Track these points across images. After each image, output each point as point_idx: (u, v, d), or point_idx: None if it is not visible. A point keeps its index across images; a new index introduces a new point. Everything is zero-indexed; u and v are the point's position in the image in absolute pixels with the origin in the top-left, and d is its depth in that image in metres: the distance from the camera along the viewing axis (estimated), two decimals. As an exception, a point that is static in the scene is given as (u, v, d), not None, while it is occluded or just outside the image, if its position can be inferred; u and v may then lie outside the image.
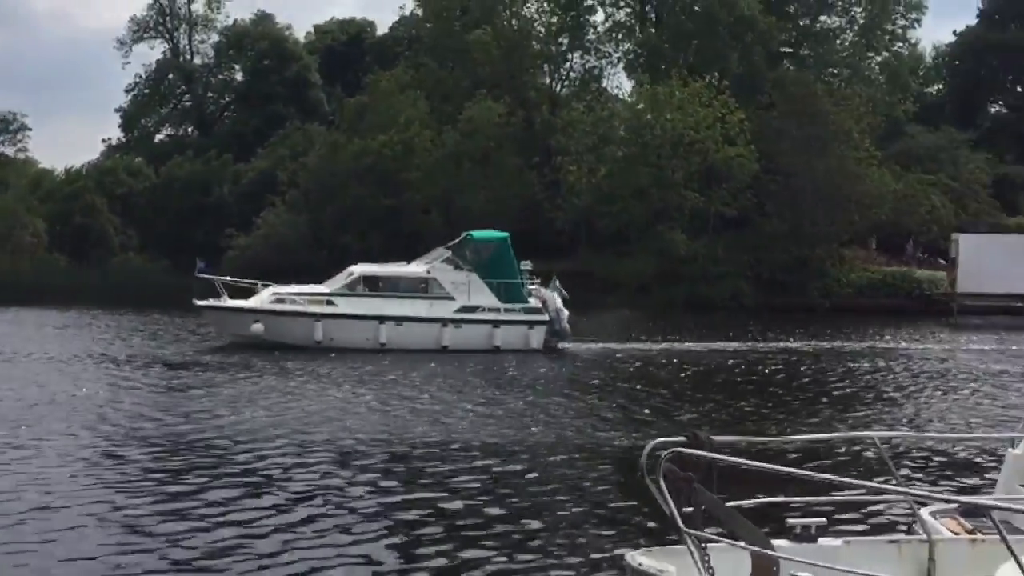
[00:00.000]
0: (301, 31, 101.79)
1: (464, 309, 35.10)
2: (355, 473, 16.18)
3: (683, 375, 30.76)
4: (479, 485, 15.62)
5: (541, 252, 63.20)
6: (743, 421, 22.21)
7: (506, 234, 37.47)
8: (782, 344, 39.76)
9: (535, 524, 13.50)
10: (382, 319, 34.60)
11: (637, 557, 6.04)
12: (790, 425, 21.60)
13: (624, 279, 58.67)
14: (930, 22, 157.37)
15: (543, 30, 74.17)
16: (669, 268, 58.68)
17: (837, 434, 13.70)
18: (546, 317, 35.66)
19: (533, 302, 36.02)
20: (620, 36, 73.42)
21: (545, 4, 74.16)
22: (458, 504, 14.38)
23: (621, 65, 74.23)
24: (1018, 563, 4.53)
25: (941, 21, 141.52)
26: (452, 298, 35.13)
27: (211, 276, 36.85)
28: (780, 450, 15.56)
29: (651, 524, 11.96)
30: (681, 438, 5.76)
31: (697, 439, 5.75)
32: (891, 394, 27.41)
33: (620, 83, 76.78)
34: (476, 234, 37.97)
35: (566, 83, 76.48)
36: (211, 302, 36.06)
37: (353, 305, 35.00)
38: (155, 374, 28.22)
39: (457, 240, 37.33)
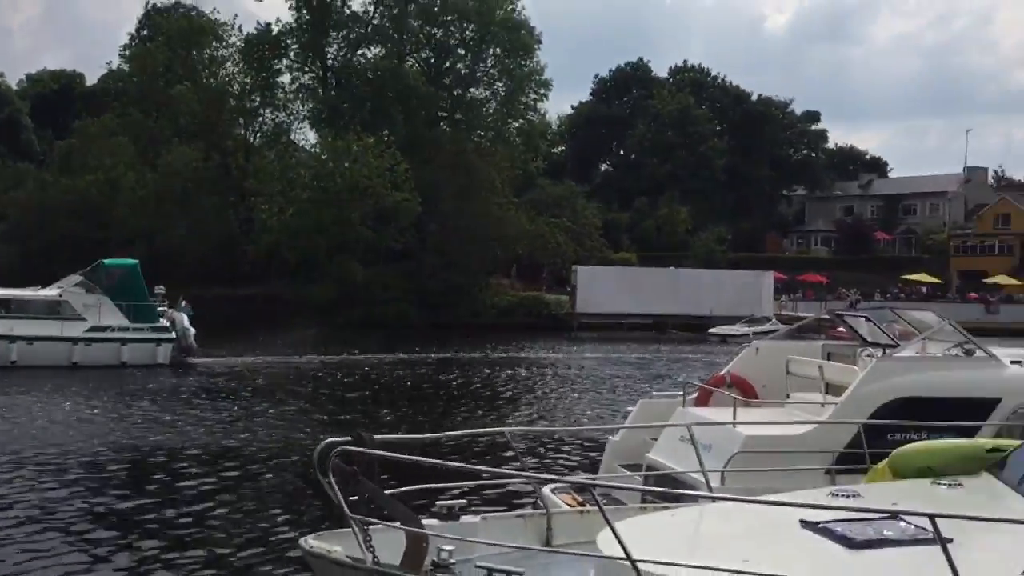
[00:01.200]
0: (13, 79, 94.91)
1: (94, 329, 32.92)
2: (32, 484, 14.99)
3: (341, 383, 30.46)
4: (165, 488, 14.86)
5: (238, 279, 61.69)
6: (402, 420, 22.38)
7: (135, 261, 35.77)
8: (438, 355, 40.37)
9: (227, 519, 13.04)
10: (13, 339, 31.95)
11: (310, 540, 5.94)
12: (443, 422, 21.98)
13: (310, 302, 58.01)
14: (555, 96, 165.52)
15: (238, 88, 72.15)
16: (347, 293, 58.37)
17: (478, 430, 14.02)
18: (173, 335, 34.15)
19: (163, 322, 34.47)
20: (305, 96, 72.55)
21: (240, 65, 72.19)
22: (150, 505, 13.62)
23: (307, 121, 73.39)
24: (612, 529, 4.80)
25: (563, 96, 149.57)
26: (83, 319, 32.89)
27: None
28: (434, 445, 15.79)
29: (327, 513, 11.86)
30: (347, 438, 5.73)
31: (361, 438, 5.72)
32: (524, 395, 28.40)
33: (306, 136, 75.46)
34: (108, 261, 35.74)
35: (259, 134, 74.64)
36: None
37: None
38: None
39: (91, 266, 34.93)
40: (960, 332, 10.96)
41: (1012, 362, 10.58)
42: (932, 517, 4.41)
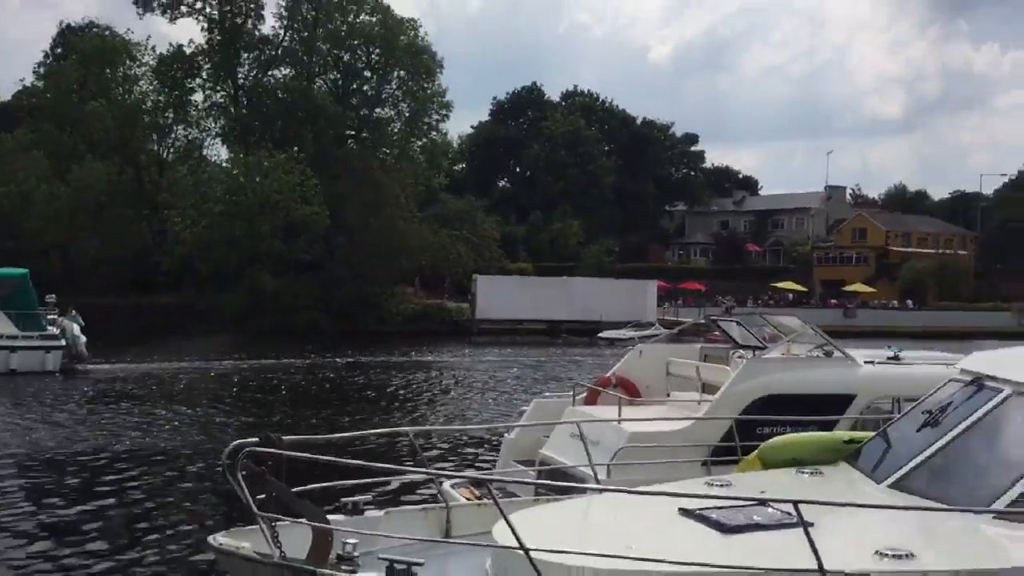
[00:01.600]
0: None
1: None
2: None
3: (259, 388, 29.86)
4: (79, 491, 14.29)
5: (152, 289, 59.86)
6: (325, 421, 21.99)
7: (25, 271, 33.92)
8: (349, 360, 39.81)
9: (142, 520, 12.64)
10: None
11: (218, 538, 5.79)
12: (359, 423, 21.66)
13: (222, 311, 56.66)
14: (456, 117, 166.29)
15: (152, 105, 70.06)
16: (259, 302, 57.19)
17: (382, 429, 13.89)
18: (63, 343, 32.57)
19: (52, 330, 32.88)
20: (217, 114, 70.88)
21: (154, 83, 70.17)
22: (64, 509, 13.10)
23: (219, 137, 71.71)
24: (506, 520, 4.81)
25: (463, 116, 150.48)
26: None
27: None
28: (341, 444, 15.53)
29: (238, 511, 11.56)
30: (255, 439, 5.61)
31: (269, 439, 5.61)
32: (430, 396, 28.26)
33: (218, 152, 73.68)
34: None
35: (172, 150, 72.63)
36: None
37: None
38: None
39: None
40: (821, 335, 11.28)
41: (866, 362, 10.94)
42: (796, 503, 4.54)
